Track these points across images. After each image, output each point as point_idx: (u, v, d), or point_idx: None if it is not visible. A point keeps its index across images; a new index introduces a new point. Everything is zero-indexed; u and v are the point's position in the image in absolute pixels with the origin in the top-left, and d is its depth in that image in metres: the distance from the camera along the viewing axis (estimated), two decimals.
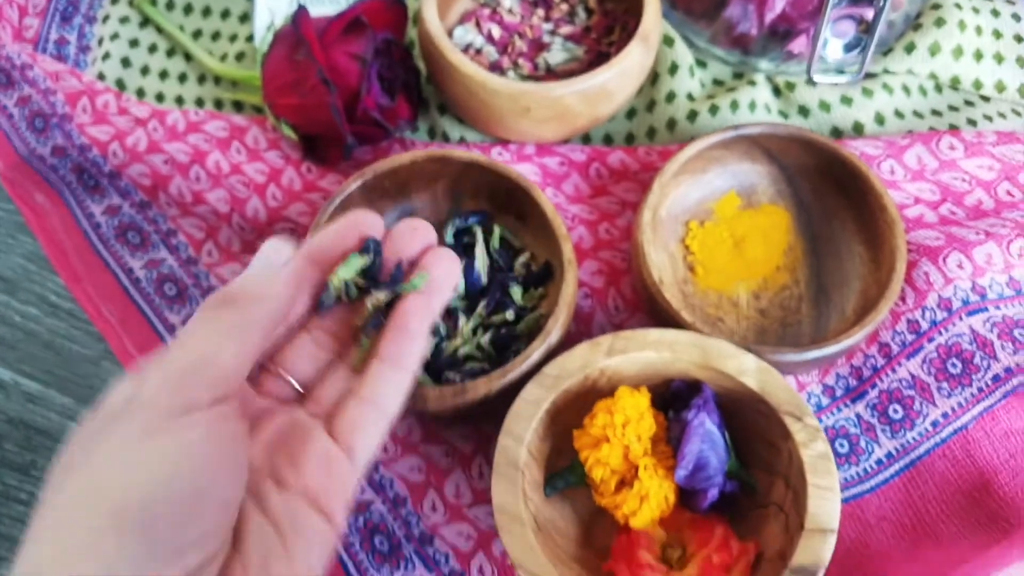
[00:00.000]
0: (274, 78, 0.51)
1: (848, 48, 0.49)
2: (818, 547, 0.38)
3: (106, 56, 0.62)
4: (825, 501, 0.39)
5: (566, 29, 0.56)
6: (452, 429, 0.48)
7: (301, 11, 0.50)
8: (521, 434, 0.41)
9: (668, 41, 0.55)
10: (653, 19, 0.51)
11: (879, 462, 0.45)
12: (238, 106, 0.59)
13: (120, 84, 0.61)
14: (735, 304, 0.49)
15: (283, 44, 0.51)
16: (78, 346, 0.53)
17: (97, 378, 0.52)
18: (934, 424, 0.45)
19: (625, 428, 0.40)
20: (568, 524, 0.44)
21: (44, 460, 0.50)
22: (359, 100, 0.51)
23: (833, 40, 0.49)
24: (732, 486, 0.42)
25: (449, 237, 0.50)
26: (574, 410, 0.43)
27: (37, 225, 0.56)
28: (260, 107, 0.57)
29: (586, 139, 0.57)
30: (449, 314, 0.49)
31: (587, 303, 0.51)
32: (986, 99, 0.55)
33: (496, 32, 0.56)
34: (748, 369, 0.42)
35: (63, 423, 0.51)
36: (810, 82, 0.54)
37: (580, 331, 0.50)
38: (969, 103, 0.55)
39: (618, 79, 0.51)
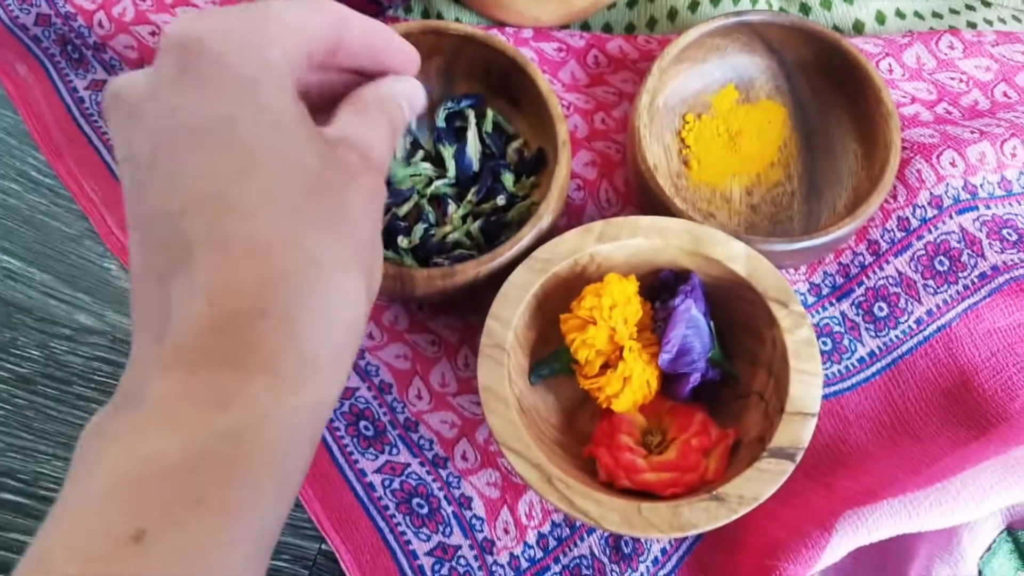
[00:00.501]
0: None
1: None
2: (798, 429, 0.37)
3: None
4: (807, 386, 0.38)
5: None
6: (438, 318, 0.47)
7: None
8: (508, 317, 0.40)
9: None
10: None
11: (861, 360, 0.45)
12: None
13: None
14: (727, 199, 0.48)
15: None
16: (60, 223, 0.51)
17: (78, 256, 0.50)
18: (918, 322, 0.44)
19: (612, 311, 0.39)
20: (551, 411, 0.43)
21: (24, 338, 0.48)
22: None
23: None
24: (714, 374, 0.41)
25: (440, 120, 0.48)
26: (562, 297, 0.42)
27: (19, 98, 0.53)
28: None
29: (585, 27, 0.54)
30: (438, 201, 0.47)
31: (579, 195, 0.49)
32: (987, 4, 0.53)
33: None
34: (737, 256, 0.40)
35: (44, 300, 0.49)
36: (803, 6, 0.52)
37: (571, 223, 0.48)
38: (970, 7, 0.53)
39: None
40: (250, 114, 0.25)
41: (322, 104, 0.31)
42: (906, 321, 0.44)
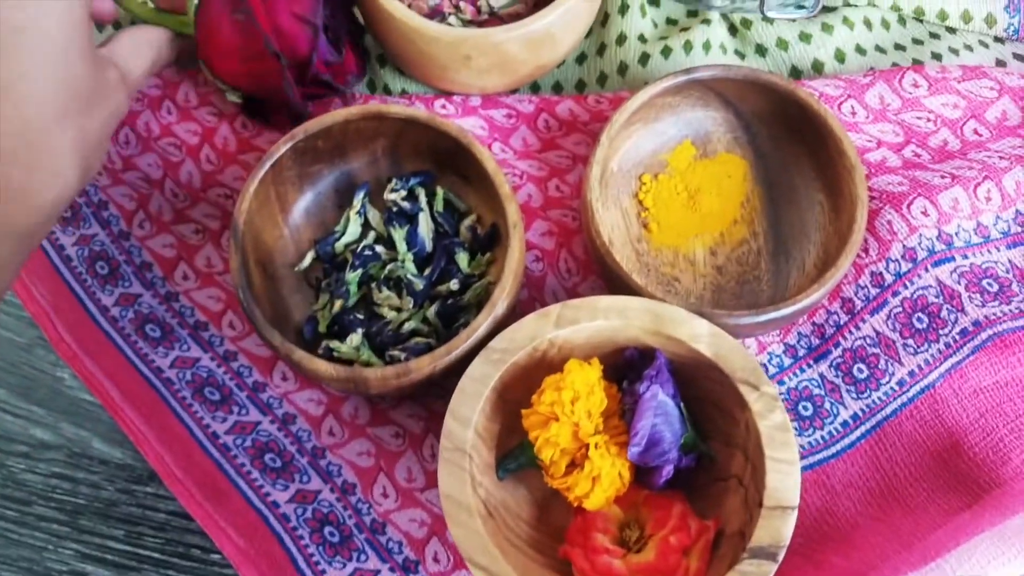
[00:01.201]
0: (212, 36, 0.44)
1: None
2: (778, 526, 0.34)
3: None
4: (784, 476, 0.34)
5: None
6: (400, 409, 0.43)
7: None
8: (468, 415, 0.37)
9: None
10: None
11: (844, 424, 0.41)
12: None
13: None
14: (691, 262, 0.44)
15: None
16: (10, 332, 0.47)
17: (30, 366, 0.47)
18: (900, 383, 0.40)
19: (574, 405, 0.36)
20: (522, 506, 0.39)
21: None
22: (309, 65, 0.44)
23: None
24: (689, 460, 0.37)
25: (391, 196, 0.45)
26: (524, 385, 0.38)
27: None
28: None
29: (535, 88, 0.51)
30: (395, 284, 0.44)
31: (537, 266, 0.46)
32: (952, 31, 0.49)
33: None
34: (701, 335, 0.37)
35: None
36: (765, 19, 0.48)
37: (532, 296, 0.45)
38: (934, 35, 0.49)
39: (563, 22, 0.44)
40: (26, 15, 0.31)
41: None
42: (888, 383, 0.40)
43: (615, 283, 0.41)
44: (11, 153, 0.31)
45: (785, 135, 0.44)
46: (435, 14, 0.49)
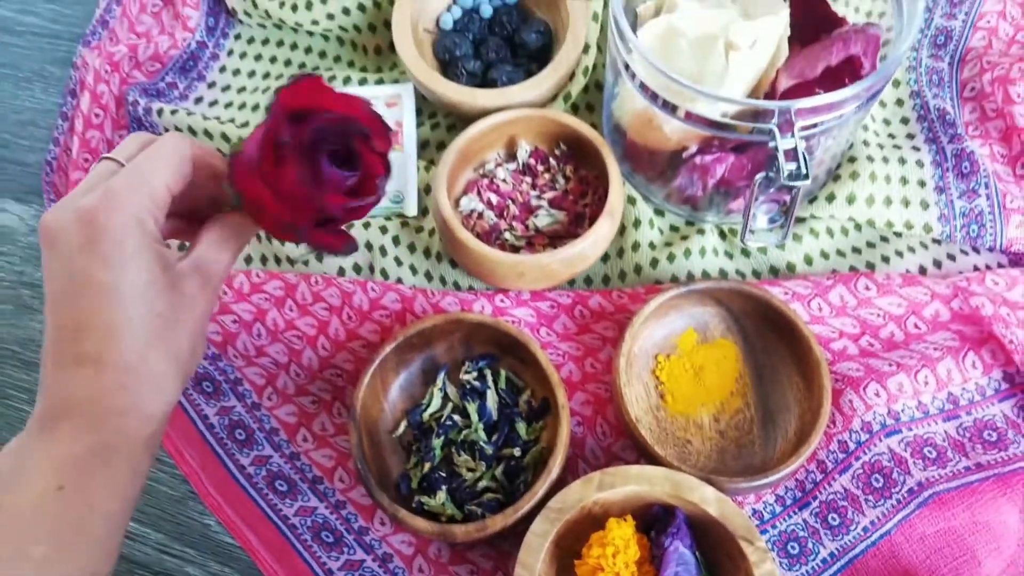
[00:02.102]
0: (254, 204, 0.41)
1: (772, 220, 0.54)
2: None
3: None
4: None
5: (549, 194, 0.61)
6: (474, 550, 0.52)
7: (233, 158, 0.40)
8: (532, 564, 0.45)
9: (631, 200, 0.60)
10: (617, 197, 0.56)
11: (824, 561, 0.50)
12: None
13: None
14: (699, 427, 0.54)
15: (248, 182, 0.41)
16: (166, 488, 0.57)
17: (184, 516, 0.56)
18: (865, 530, 0.49)
19: (615, 557, 0.45)
20: None
21: None
22: (321, 212, 0.42)
23: (760, 215, 0.53)
24: None
25: (466, 377, 0.55)
26: (574, 534, 0.47)
27: None
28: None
29: (571, 282, 0.61)
30: (471, 447, 0.53)
31: (579, 429, 0.55)
32: (898, 235, 0.59)
33: (494, 199, 0.61)
34: (709, 499, 0.46)
35: (159, 557, 0.55)
36: (744, 251, 0.59)
37: (575, 454, 0.55)
38: (884, 239, 0.59)
39: (591, 246, 0.55)
40: (112, 276, 0.37)
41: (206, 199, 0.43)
42: (855, 529, 0.49)
43: (641, 448, 0.51)
44: (118, 382, 0.37)
45: (767, 328, 0.54)
46: (494, 231, 0.60)
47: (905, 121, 0.64)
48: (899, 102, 0.65)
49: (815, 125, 0.50)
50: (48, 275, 0.38)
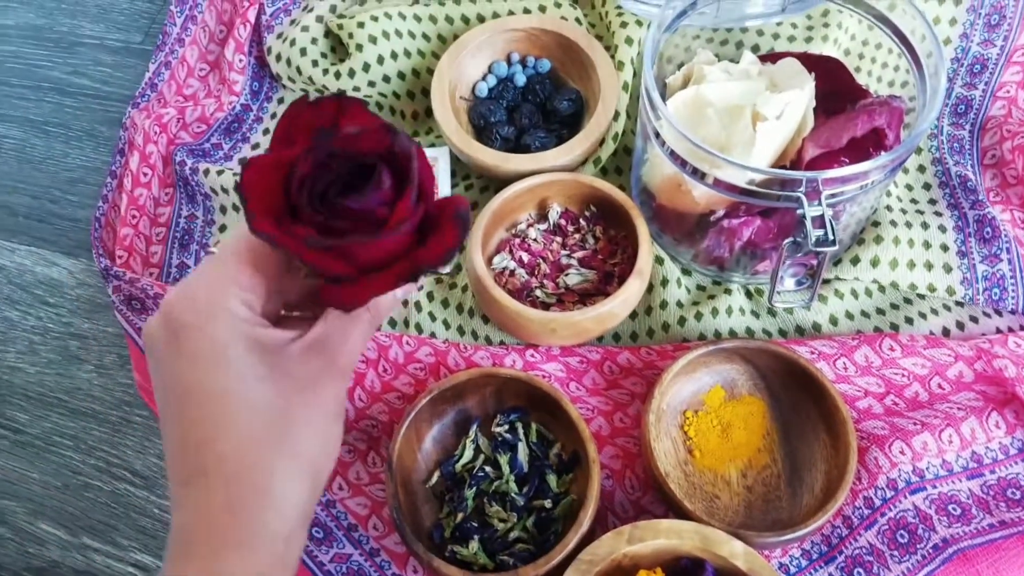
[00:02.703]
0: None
1: (799, 283, 0.57)
2: None
3: None
4: None
5: (579, 253, 0.64)
6: None
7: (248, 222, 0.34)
8: None
9: (659, 260, 0.63)
10: (645, 257, 0.59)
11: None
12: None
13: None
14: (727, 482, 0.56)
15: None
16: None
17: None
18: None
19: None
20: None
21: None
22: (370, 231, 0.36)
23: (787, 278, 0.56)
24: None
25: (497, 429, 0.57)
26: None
27: None
28: None
29: (600, 338, 0.64)
30: (502, 498, 0.56)
31: (608, 483, 0.57)
32: (922, 297, 0.62)
33: (525, 258, 0.64)
34: (737, 553, 0.48)
35: None
36: (770, 311, 0.62)
37: (604, 507, 0.57)
38: (908, 301, 0.62)
39: (621, 304, 0.58)
40: (215, 378, 0.34)
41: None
42: None
43: (670, 502, 0.53)
44: (226, 502, 0.33)
45: (794, 386, 0.57)
46: (525, 288, 0.63)
47: (927, 187, 0.67)
48: (921, 168, 0.68)
49: (841, 193, 0.53)
50: (152, 386, 0.36)
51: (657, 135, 0.56)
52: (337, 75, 0.74)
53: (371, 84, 0.74)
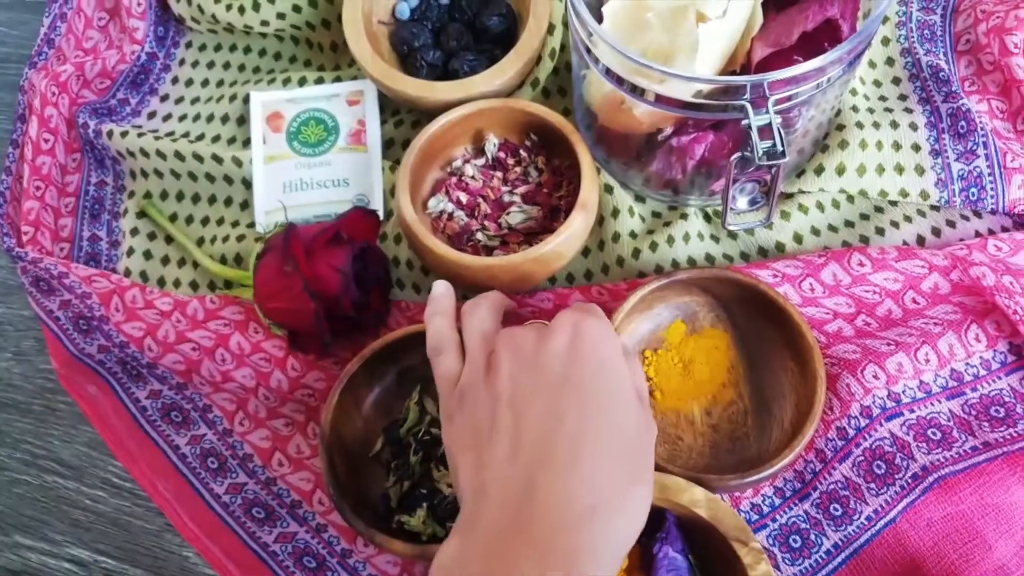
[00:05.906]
0: (265, 284, 0.56)
1: (754, 201, 0.54)
2: None
3: (130, 251, 0.68)
4: None
5: (522, 188, 0.61)
6: None
7: (291, 229, 0.56)
8: None
9: (608, 189, 0.60)
10: (589, 188, 0.56)
11: (828, 552, 0.50)
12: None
13: (144, 276, 0.66)
14: (691, 422, 0.54)
15: (274, 254, 0.56)
16: (141, 521, 0.58)
17: (161, 549, 0.57)
18: (868, 519, 0.49)
19: None
20: None
21: None
22: (338, 304, 0.56)
23: (740, 196, 0.53)
24: None
25: None
26: None
27: (93, 414, 0.61)
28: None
29: (552, 279, 0.62)
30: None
31: None
32: (893, 203, 0.59)
33: (463, 198, 0.61)
34: (699, 500, 0.46)
35: None
36: (731, 234, 0.59)
37: None
38: (879, 209, 0.59)
39: (566, 242, 0.56)
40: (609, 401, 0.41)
41: None
42: (859, 518, 0.49)
43: None
44: (612, 500, 0.38)
45: (756, 314, 0.55)
46: (465, 232, 0.60)
47: (896, 81, 0.64)
48: (889, 61, 0.65)
49: (793, 97, 0.50)
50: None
51: (589, 51, 0.53)
52: (241, 9, 0.69)
53: (280, 16, 0.69)
